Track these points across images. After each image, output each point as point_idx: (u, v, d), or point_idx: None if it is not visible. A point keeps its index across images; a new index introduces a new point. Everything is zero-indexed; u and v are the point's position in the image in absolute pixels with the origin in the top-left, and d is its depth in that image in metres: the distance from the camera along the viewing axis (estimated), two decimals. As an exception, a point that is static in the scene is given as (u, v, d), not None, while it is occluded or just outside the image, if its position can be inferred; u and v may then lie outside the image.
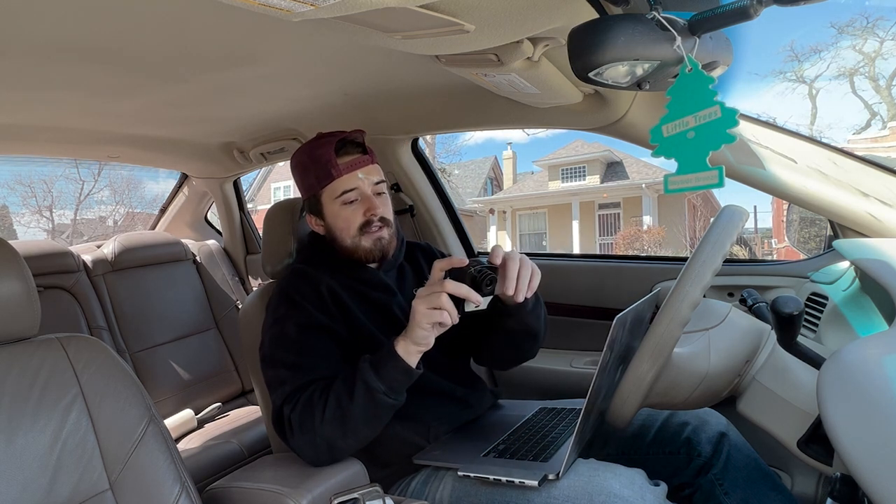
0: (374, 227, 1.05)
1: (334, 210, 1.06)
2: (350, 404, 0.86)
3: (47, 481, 0.72)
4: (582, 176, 15.65)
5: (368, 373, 0.87)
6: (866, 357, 0.57)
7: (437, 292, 0.84)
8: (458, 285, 0.85)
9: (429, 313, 0.84)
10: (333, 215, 1.06)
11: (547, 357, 1.58)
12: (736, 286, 1.34)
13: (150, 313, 1.99)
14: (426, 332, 0.85)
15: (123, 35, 0.88)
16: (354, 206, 1.05)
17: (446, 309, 0.84)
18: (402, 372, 0.87)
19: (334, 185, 1.04)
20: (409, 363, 0.87)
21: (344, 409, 0.87)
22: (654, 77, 0.71)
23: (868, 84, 13.91)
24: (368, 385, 0.86)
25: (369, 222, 1.04)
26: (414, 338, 0.86)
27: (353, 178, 1.04)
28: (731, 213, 0.84)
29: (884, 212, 1.03)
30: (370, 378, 0.86)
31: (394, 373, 0.87)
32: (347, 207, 1.05)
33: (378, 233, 1.05)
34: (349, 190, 1.04)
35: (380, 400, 0.87)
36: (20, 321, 0.76)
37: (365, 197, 1.05)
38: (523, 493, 0.85)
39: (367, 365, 0.88)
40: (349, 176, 1.04)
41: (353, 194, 1.04)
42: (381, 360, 0.88)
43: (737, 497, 0.95)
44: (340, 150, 1.05)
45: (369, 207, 1.04)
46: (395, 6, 0.60)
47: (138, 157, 2.01)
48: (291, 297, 1.00)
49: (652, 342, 0.79)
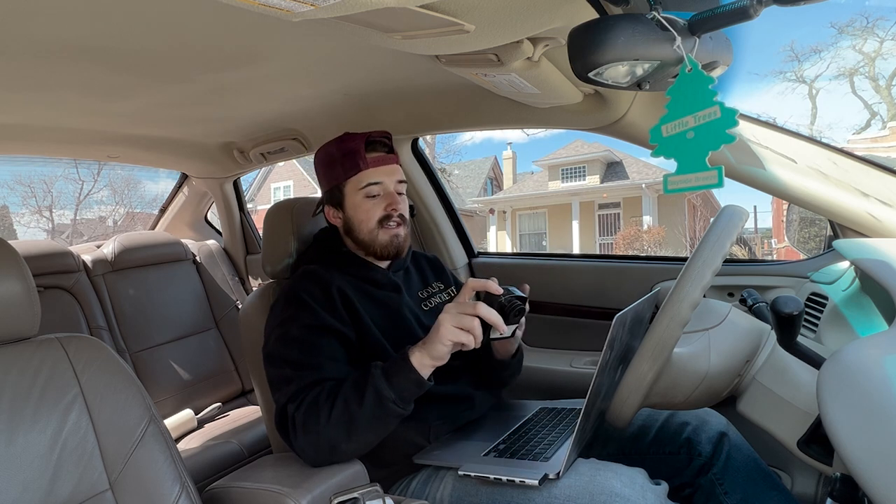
0: (393, 222, 1.07)
1: (356, 201, 1.08)
2: (358, 409, 0.87)
3: (47, 481, 0.72)
4: (582, 176, 15.65)
5: (380, 380, 0.87)
6: (866, 357, 0.56)
7: (470, 314, 0.85)
8: (490, 310, 0.85)
9: (455, 332, 0.85)
10: (354, 206, 1.08)
11: (547, 357, 1.58)
12: (736, 286, 1.34)
13: (150, 313, 1.99)
14: (447, 348, 0.86)
15: (124, 35, 0.88)
16: (376, 200, 1.08)
17: (475, 333, 0.85)
18: (414, 383, 0.87)
19: (360, 177, 1.07)
20: (422, 375, 0.87)
21: (352, 413, 0.87)
22: (654, 77, 0.71)
23: (868, 84, 13.93)
24: (380, 392, 0.86)
25: (389, 216, 1.07)
26: (433, 352, 0.86)
27: (379, 172, 1.08)
28: (731, 213, 0.84)
29: (884, 212, 1.03)
30: (382, 386, 0.87)
31: (406, 383, 0.87)
32: (370, 200, 1.07)
33: (396, 229, 1.08)
34: (374, 183, 1.07)
35: (389, 408, 0.87)
36: (20, 321, 0.76)
37: (388, 193, 1.08)
38: (524, 492, 0.85)
39: (379, 372, 0.89)
40: (375, 170, 1.07)
41: (376, 188, 1.07)
42: (394, 369, 0.88)
43: (737, 497, 0.95)
44: (369, 146, 1.08)
45: (391, 203, 1.07)
46: (395, 6, 0.60)
47: (138, 157, 2.01)
48: (301, 299, 1.00)
49: (652, 342, 0.79)
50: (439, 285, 1.22)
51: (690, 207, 14.42)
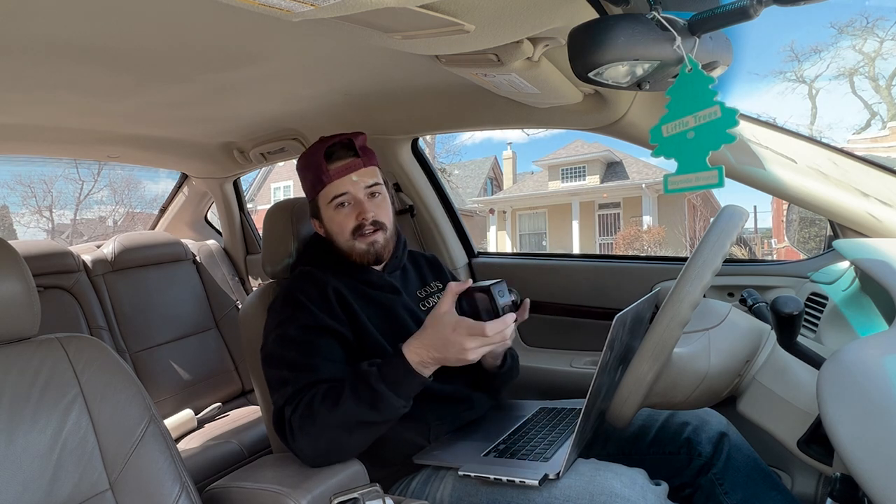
0: (367, 230, 1.06)
1: (329, 214, 1.08)
2: (357, 408, 0.87)
3: (47, 481, 0.72)
4: (582, 176, 15.65)
5: (378, 381, 0.88)
6: (866, 357, 0.56)
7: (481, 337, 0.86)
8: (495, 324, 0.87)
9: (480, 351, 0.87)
10: (329, 219, 1.09)
11: (547, 357, 1.58)
12: (736, 286, 1.34)
13: (150, 313, 1.99)
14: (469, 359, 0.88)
15: (124, 35, 0.88)
16: (347, 209, 1.06)
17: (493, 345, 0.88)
18: (418, 384, 0.89)
19: (326, 191, 1.06)
20: (424, 375, 0.89)
21: (350, 414, 0.87)
22: (654, 77, 0.71)
23: (868, 84, 13.92)
24: (381, 393, 0.87)
25: (361, 226, 1.06)
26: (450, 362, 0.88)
27: (344, 182, 1.05)
28: (731, 213, 0.84)
29: (884, 212, 1.03)
30: (380, 386, 0.87)
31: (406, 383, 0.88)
32: (340, 211, 1.06)
33: (371, 236, 1.06)
34: (339, 195, 1.06)
35: (393, 406, 0.88)
36: (20, 321, 0.76)
37: (356, 201, 1.06)
38: (524, 492, 0.85)
39: (376, 371, 0.89)
40: (340, 181, 1.05)
41: (343, 198, 1.06)
42: (393, 369, 0.89)
43: (737, 497, 0.95)
44: (332, 156, 1.06)
45: (360, 212, 1.06)
46: (395, 6, 0.60)
47: (138, 157, 2.01)
48: (297, 299, 1.00)
49: (652, 342, 0.79)
50: (438, 285, 1.22)
51: (690, 207, 14.42)
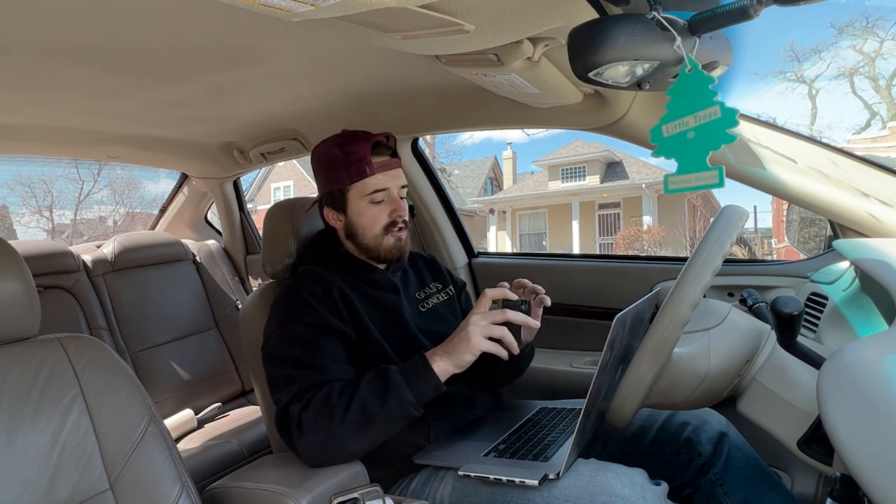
0: (398, 227, 1.08)
1: (360, 207, 1.07)
2: (379, 411, 0.88)
3: (47, 481, 0.72)
4: (582, 176, 15.64)
5: (402, 384, 0.89)
6: (866, 357, 0.56)
7: (499, 323, 0.87)
8: (517, 314, 0.87)
9: (486, 343, 0.87)
10: (358, 212, 1.07)
11: (547, 357, 1.58)
12: (736, 286, 1.34)
13: (150, 313, 1.99)
14: (474, 357, 0.88)
15: (123, 35, 0.88)
16: (382, 206, 1.07)
17: (506, 341, 0.88)
18: (433, 388, 0.90)
19: (366, 183, 1.05)
20: (440, 381, 0.90)
21: (368, 415, 0.88)
22: (654, 77, 0.71)
23: (868, 84, 13.93)
24: (401, 396, 0.88)
25: (394, 223, 1.07)
26: (458, 361, 0.89)
27: (388, 178, 1.07)
28: (731, 213, 0.84)
29: (884, 212, 1.03)
30: (403, 389, 0.88)
31: (425, 388, 0.90)
32: (375, 206, 1.07)
33: (399, 233, 1.08)
34: (380, 190, 1.06)
35: (408, 411, 0.89)
36: (20, 321, 0.76)
37: (392, 199, 1.08)
38: (524, 492, 0.85)
39: (399, 376, 0.90)
40: (384, 175, 1.06)
41: (382, 195, 1.06)
42: (415, 374, 0.90)
43: (737, 497, 0.95)
44: (375, 150, 1.06)
45: (395, 209, 1.07)
46: (395, 6, 0.60)
47: (138, 157, 2.01)
48: (302, 298, 1.00)
49: (652, 342, 0.79)
50: (437, 286, 1.22)
51: (690, 207, 14.41)
